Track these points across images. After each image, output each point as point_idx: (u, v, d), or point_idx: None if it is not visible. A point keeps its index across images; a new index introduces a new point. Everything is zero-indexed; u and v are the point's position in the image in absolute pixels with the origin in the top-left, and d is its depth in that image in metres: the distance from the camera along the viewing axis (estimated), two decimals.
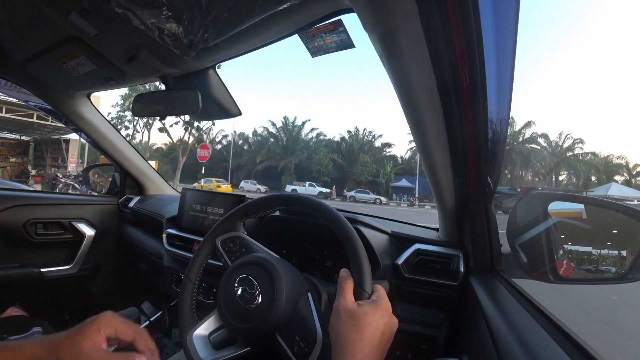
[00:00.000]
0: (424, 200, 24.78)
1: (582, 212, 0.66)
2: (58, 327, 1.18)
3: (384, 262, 0.84)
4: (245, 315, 0.52)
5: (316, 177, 28.34)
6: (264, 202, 0.65)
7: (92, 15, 0.67)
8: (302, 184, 25.77)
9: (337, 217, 0.56)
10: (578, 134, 33.83)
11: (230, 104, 0.94)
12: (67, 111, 1.24)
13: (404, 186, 28.04)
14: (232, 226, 0.65)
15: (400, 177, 29.14)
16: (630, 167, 27.23)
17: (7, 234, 1.25)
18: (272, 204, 0.64)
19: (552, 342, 0.46)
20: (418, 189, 26.14)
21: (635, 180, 27.14)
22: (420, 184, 26.29)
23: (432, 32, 0.42)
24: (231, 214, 0.66)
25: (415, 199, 25.25)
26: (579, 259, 0.65)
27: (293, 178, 27.98)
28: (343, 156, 29.65)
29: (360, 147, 30.22)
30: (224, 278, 0.58)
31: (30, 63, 0.95)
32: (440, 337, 0.79)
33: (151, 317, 1.18)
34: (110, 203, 1.57)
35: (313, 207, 0.58)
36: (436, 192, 0.79)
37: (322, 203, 0.59)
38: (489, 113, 0.52)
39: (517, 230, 0.76)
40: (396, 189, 28.55)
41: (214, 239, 0.65)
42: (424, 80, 0.49)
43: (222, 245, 0.64)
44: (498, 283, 0.72)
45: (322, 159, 28.14)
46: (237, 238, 0.64)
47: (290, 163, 28.70)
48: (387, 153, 32.03)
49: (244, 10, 0.55)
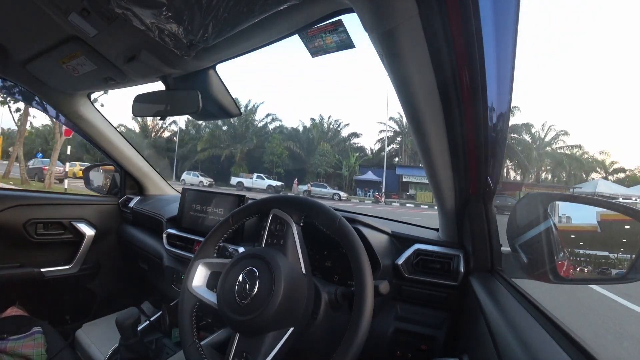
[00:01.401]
0: (392, 196, 22.44)
1: (597, 226, 0.65)
2: (58, 327, 1.19)
3: (384, 262, 0.84)
4: (243, 307, 0.55)
5: (268, 168, 24.23)
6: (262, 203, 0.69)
7: (92, 15, 0.67)
8: (250, 176, 21.84)
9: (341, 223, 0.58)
10: (561, 126, 32.21)
11: (230, 104, 0.94)
12: (67, 111, 1.24)
13: (370, 180, 24.48)
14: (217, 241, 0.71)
15: (366, 169, 25.48)
16: (606, 164, 26.25)
17: (7, 234, 1.25)
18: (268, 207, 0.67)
19: (552, 342, 0.46)
20: (385, 183, 22.74)
21: (612, 178, 25.97)
22: (388, 178, 23.08)
23: (432, 32, 0.42)
24: (222, 222, 0.71)
25: (381, 194, 21.49)
26: (595, 262, 0.64)
27: (244, 169, 23.91)
28: (302, 145, 25.45)
29: (322, 136, 26.32)
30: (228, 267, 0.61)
31: (30, 63, 0.95)
32: (440, 337, 0.79)
33: (151, 317, 1.18)
34: (110, 203, 1.57)
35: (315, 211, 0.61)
36: (436, 192, 0.79)
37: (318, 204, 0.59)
38: (489, 113, 0.52)
39: (517, 231, 0.76)
40: (361, 183, 25.02)
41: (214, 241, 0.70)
42: (424, 80, 0.49)
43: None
44: (498, 283, 0.72)
45: (276, 148, 23.61)
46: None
47: (237, 151, 24.31)
48: (354, 144, 28.29)
49: (244, 10, 0.55)
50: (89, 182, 1.66)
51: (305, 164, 24.74)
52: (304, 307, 0.57)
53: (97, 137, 1.38)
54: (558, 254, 0.69)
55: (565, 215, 0.70)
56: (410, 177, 24.13)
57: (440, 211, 0.88)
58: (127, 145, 1.48)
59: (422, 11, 0.40)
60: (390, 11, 0.41)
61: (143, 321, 1.15)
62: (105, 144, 1.41)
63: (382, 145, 27.32)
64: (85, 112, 1.27)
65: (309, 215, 0.63)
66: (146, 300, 1.43)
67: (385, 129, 27.07)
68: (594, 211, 0.64)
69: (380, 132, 27.79)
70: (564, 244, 0.68)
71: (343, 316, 0.58)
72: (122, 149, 1.46)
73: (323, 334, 0.59)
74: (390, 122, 27.46)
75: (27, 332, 0.98)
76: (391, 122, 27.59)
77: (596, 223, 0.63)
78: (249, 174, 22.35)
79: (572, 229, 0.69)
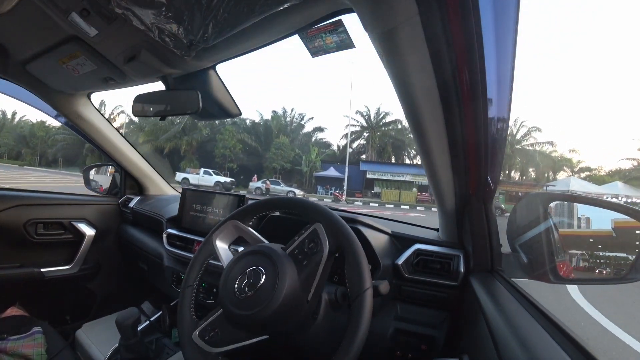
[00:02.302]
0: (356, 194, 20.73)
1: (612, 232, 0.63)
2: (58, 327, 1.18)
3: (384, 262, 0.84)
4: (245, 302, 0.55)
5: (220, 162, 22.29)
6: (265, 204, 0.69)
7: (92, 15, 0.67)
8: (197, 171, 19.64)
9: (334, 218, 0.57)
10: (533, 122, 30.33)
11: (230, 104, 0.94)
12: (67, 111, 1.24)
13: (332, 176, 22.35)
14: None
15: (328, 165, 23.48)
16: (573, 163, 25.76)
17: (7, 234, 1.25)
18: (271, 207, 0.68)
19: (552, 342, 0.46)
20: (349, 180, 20.77)
21: (577, 177, 24.94)
22: (352, 174, 21.01)
23: (432, 32, 0.42)
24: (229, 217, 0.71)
25: (342, 192, 19.36)
26: (616, 264, 0.63)
27: (195, 164, 21.62)
28: (258, 139, 23.47)
29: (282, 129, 24.14)
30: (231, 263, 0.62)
31: (30, 63, 0.95)
32: (440, 337, 0.79)
33: (151, 317, 1.18)
34: (111, 203, 1.57)
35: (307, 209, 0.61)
36: (436, 192, 0.79)
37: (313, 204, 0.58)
38: (489, 113, 0.52)
39: (517, 231, 0.76)
40: (321, 180, 22.75)
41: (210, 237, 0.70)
42: (424, 80, 0.49)
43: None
44: (498, 283, 0.72)
45: (228, 141, 21.52)
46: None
47: (182, 143, 22.18)
48: (321, 139, 26.54)
49: (244, 10, 0.55)
50: (89, 182, 1.67)
51: (262, 159, 22.95)
52: (292, 326, 0.56)
53: (97, 137, 1.38)
54: (558, 254, 0.69)
55: (584, 217, 0.68)
56: (375, 174, 21.99)
57: (440, 211, 0.88)
58: (127, 145, 1.48)
59: (422, 11, 0.40)
60: (390, 11, 0.41)
61: (143, 321, 1.15)
62: (105, 144, 1.41)
63: (350, 140, 25.45)
64: (85, 112, 1.27)
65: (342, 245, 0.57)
66: (146, 300, 1.43)
67: (352, 123, 25.37)
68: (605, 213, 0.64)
69: (347, 127, 25.75)
70: (579, 247, 0.68)
71: (343, 316, 0.58)
72: (122, 149, 1.46)
73: (323, 334, 0.59)
74: (357, 115, 25.59)
75: (27, 332, 0.98)
76: (358, 116, 25.71)
77: (611, 229, 0.63)
78: (195, 169, 20.10)
79: (590, 234, 0.68)
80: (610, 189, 17.92)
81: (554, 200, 0.73)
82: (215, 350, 0.57)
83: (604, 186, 19.16)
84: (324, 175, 22.72)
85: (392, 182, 21.72)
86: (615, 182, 20.24)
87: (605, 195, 15.67)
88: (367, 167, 22.56)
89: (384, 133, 25.45)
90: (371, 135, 25.48)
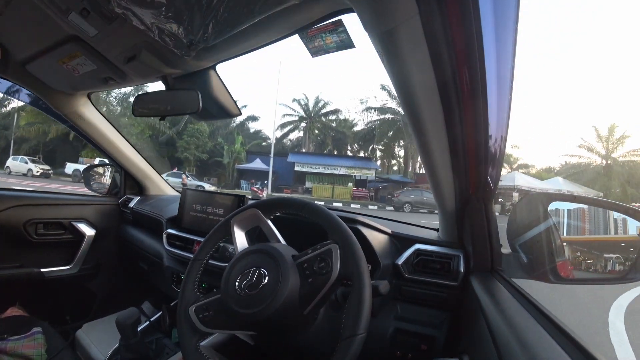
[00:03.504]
0: (284, 191, 17.45)
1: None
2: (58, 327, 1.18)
3: (384, 262, 0.84)
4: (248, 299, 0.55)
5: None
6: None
7: (92, 15, 0.67)
8: (92, 160, 14.47)
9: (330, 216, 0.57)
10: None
11: (230, 104, 0.94)
12: (67, 111, 1.24)
13: (257, 169, 18.94)
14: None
15: (254, 156, 20.19)
16: (512, 159, 25.26)
17: (7, 234, 1.25)
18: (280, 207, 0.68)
19: (553, 342, 0.46)
20: (279, 174, 18.04)
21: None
22: (281, 167, 18.16)
23: (432, 32, 0.42)
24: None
25: (263, 187, 15.79)
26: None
27: (98, 154, 14.63)
28: (174, 126, 19.65)
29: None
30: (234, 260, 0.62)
31: (30, 63, 0.95)
32: (440, 337, 0.79)
33: (151, 317, 1.18)
34: (111, 203, 1.57)
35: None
36: (436, 192, 0.79)
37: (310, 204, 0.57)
38: (489, 113, 0.52)
39: (517, 231, 0.76)
40: (244, 173, 19.42)
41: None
42: (424, 80, 0.49)
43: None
44: (498, 283, 0.72)
45: (134, 127, 17.61)
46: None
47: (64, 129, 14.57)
48: (251, 128, 23.79)
49: (244, 11, 0.55)
50: (89, 182, 1.66)
51: (176, 149, 19.62)
52: (283, 330, 0.57)
53: (97, 137, 1.38)
54: (558, 254, 0.69)
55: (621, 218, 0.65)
56: (305, 166, 18.79)
57: (440, 211, 0.88)
58: (127, 145, 1.48)
59: (422, 11, 0.40)
60: (390, 11, 0.41)
61: (143, 321, 1.15)
62: (105, 143, 1.41)
63: (286, 131, 23.20)
64: (85, 111, 1.27)
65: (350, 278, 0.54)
66: (146, 300, 1.43)
67: (288, 112, 22.89)
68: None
69: (285, 117, 23.09)
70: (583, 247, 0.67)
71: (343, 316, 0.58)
72: (122, 149, 1.46)
73: (323, 333, 0.59)
74: (294, 103, 22.84)
75: (27, 332, 0.98)
76: (295, 104, 22.88)
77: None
78: (91, 158, 16.22)
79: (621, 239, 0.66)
80: (552, 184, 18.00)
81: (554, 200, 0.73)
82: (205, 329, 0.59)
83: (546, 181, 19.26)
84: (248, 168, 19.37)
85: (325, 176, 18.81)
86: (556, 177, 20.56)
87: (549, 189, 15.69)
88: (295, 159, 19.35)
89: (323, 124, 23.30)
90: (309, 125, 23.04)
